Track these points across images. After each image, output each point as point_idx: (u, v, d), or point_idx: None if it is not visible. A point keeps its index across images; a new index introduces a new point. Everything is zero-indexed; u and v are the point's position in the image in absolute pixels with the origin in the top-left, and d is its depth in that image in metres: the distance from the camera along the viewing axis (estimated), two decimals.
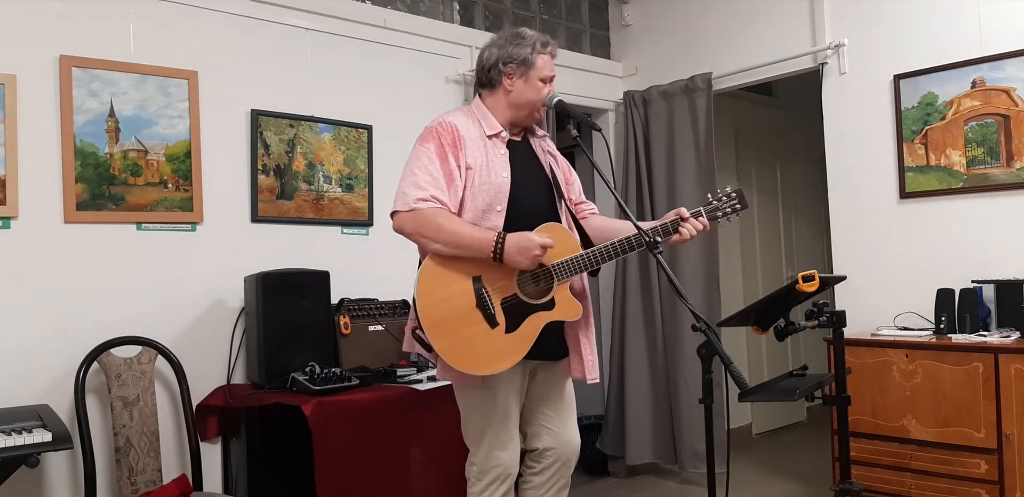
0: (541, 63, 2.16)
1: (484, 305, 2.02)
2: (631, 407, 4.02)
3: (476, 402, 2.16)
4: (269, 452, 2.76)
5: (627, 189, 4.19)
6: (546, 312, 2.06)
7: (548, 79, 2.18)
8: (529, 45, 2.15)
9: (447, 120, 2.13)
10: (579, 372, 2.21)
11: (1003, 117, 3.09)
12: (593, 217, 2.37)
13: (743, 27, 3.96)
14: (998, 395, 2.72)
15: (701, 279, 3.96)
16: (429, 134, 2.11)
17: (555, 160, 2.31)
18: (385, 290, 3.24)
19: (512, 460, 2.17)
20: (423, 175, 2.04)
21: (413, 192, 2.02)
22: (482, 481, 2.17)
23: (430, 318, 2.00)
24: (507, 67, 2.15)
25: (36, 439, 1.96)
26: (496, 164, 2.12)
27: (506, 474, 2.16)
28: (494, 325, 2.02)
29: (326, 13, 3.33)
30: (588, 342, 2.23)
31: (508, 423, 2.15)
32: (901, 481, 2.96)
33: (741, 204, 2.10)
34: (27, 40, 2.60)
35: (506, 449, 2.15)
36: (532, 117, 2.20)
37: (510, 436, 2.16)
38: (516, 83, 2.16)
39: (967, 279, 3.06)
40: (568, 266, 2.05)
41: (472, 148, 2.10)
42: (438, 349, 2.00)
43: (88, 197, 2.70)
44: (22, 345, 2.54)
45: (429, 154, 2.07)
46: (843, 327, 2.37)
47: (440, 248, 2.01)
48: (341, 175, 3.34)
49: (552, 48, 2.20)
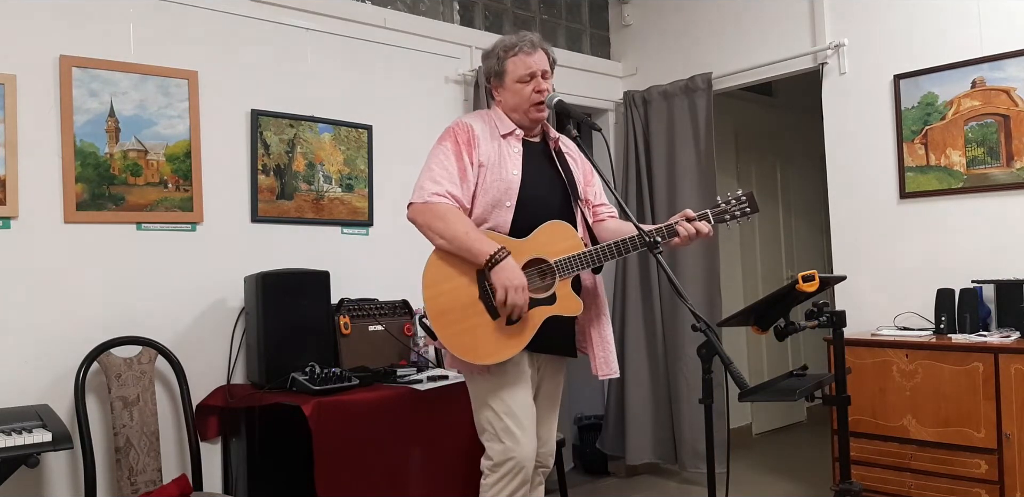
0: (512, 67, 2.22)
1: (487, 297, 2.08)
2: (631, 407, 4.02)
3: (484, 392, 2.17)
4: (269, 452, 2.76)
5: (627, 189, 4.19)
6: (547, 307, 2.11)
7: (527, 77, 2.21)
8: (495, 55, 2.26)
9: (464, 121, 2.24)
10: (593, 368, 2.27)
11: (1003, 117, 3.09)
12: (610, 220, 2.40)
13: (743, 27, 3.96)
14: (998, 395, 2.72)
15: (701, 279, 3.96)
16: (447, 133, 2.21)
17: (575, 162, 2.37)
18: (385, 290, 3.24)
19: (526, 453, 2.15)
20: (439, 170, 2.14)
21: (430, 186, 2.12)
22: (496, 473, 2.16)
23: (433, 308, 2.09)
24: (489, 82, 2.32)
25: (36, 439, 1.96)
26: (508, 161, 2.19)
27: (519, 467, 2.14)
28: (495, 317, 2.07)
29: (326, 13, 3.33)
30: (600, 339, 2.28)
31: (520, 415, 2.15)
32: (901, 481, 2.96)
33: (751, 208, 2.11)
34: (27, 40, 2.60)
35: (518, 441, 2.14)
36: (527, 118, 2.25)
37: (523, 428, 2.15)
38: (501, 93, 2.27)
39: (967, 279, 3.06)
40: (569, 263, 2.11)
41: (485, 146, 2.19)
42: (441, 338, 2.09)
43: (88, 197, 2.70)
44: (22, 345, 2.54)
45: (446, 151, 2.17)
46: (843, 327, 2.38)
47: (443, 244, 2.09)
48: (341, 175, 3.34)
49: (520, 47, 2.21)
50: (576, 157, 2.38)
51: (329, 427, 2.49)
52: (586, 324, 2.29)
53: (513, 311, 2.03)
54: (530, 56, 2.21)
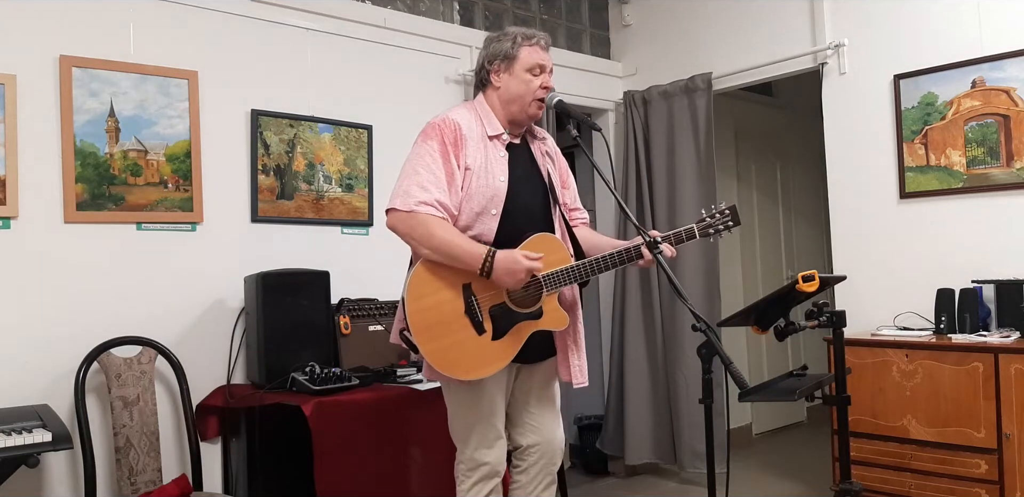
0: (524, 54, 2.15)
1: (472, 312, 2.04)
2: (631, 407, 4.02)
3: (462, 400, 2.17)
4: (269, 452, 2.76)
5: (627, 189, 4.19)
6: (533, 321, 2.08)
7: (537, 69, 2.16)
8: (510, 39, 2.16)
9: (451, 117, 2.11)
10: (566, 376, 2.25)
11: (1003, 117, 3.09)
12: (581, 227, 2.37)
13: (743, 27, 3.96)
14: (998, 395, 2.72)
15: (701, 279, 3.96)
16: (432, 130, 2.09)
17: (553, 163, 2.31)
18: (385, 290, 3.23)
19: (499, 459, 2.19)
20: (427, 175, 2.02)
21: (417, 193, 2.00)
22: (470, 479, 2.18)
23: (418, 322, 2.01)
24: (492, 64, 2.18)
25: (36, 439, 1.96)
26: (495, 167, 2.11)
27: (493, 472, 2.18)
28: (481, 332, 2.04)
29: (326, 13, 3.33)
30: (576, 348, 2.25)
31: (494, 421, 2.17)
32: (901, 481, 2.96)
33: (734, 221, 2.10)
34: (27, 40, 2.60)
35: (492, 447, 2.17)
36: (525, 113, 2.16)
37: (497, 434, 2.18)
38: (503, 78, 2.16)
39: (967, 279, 3.06)
40: (557, 277, 2.06)
41: (473, 149, 2.09)
42: (424, 352, 2.02)
43: (88, 197, 2.70)
44: (22, 345, 2.54)
45: (433, 153, 2.05)
46: (843, 327, 2.37)
47: (429, 254, 2.01)
48: (341, 175, 3.34)
49: (538, 40, 2.18)
50: (555, 157, 2.33)
51: (329, 427, 2.48)
52: (563, 334, 2.23)
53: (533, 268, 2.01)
54: (544, 51, 2.19)
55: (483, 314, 2.05)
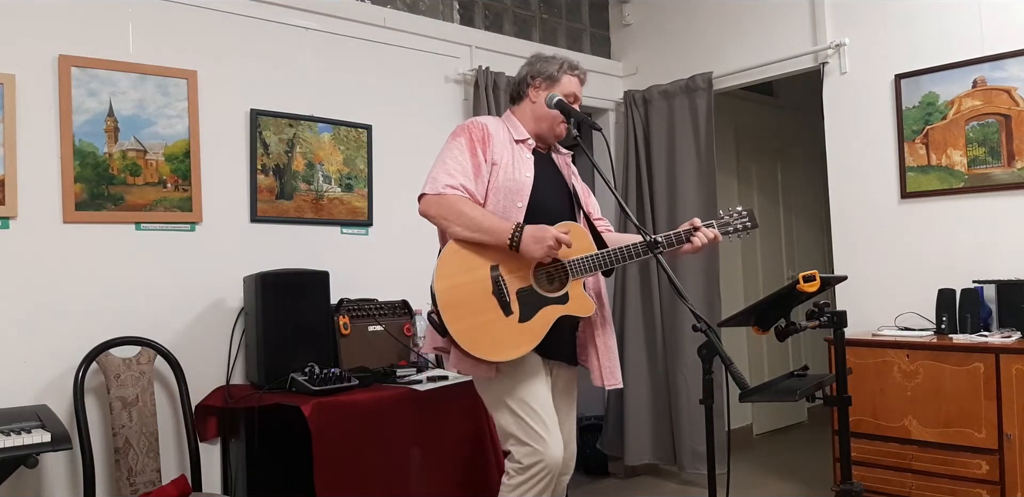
0: (567, 81, 2.28)
1: (500, 293, 2.07)
2: (631, 407, 4.01)
3: (499, 394, 2.13)
4: (268, 452, 2.75)
5: (627, 189, 4.19)
6: (560, 305, 2.11)
7: (572, 97, 2.29)
8: (557, 64, 2.30)
9: (479, 120, 2.25)
10: (597, 380, 2.25)
11: (1004, 117, 3.08)
12: (607, 233, 2.41)
13: (743, 27, 3.96)
14: (999, 395, 2.72)
15: (701, 279, 3.95)
16: (461, 130, 2.22)
17: (576, 177, 2.41)
18: (385, 290, 3.24)
19: (552, 455, 2.06)
20: (453, 164, 2.14)
21: (443, 178, 2.11)
22: (521, 475, 2.07)
23: (446, 300, 2.04)
24: (534, 80, 2.30)
25: (35, 439, 1.96)
26: (521, 165, 2.21)
27: (547, 470, 2.05)
28: (508, 313, 2.06)
29: (326, 13, 3.32)
30: (606, 348, 2.26)
31: (540, 414, 2.09)
32: (902, 482, 2.96)
33: (752, 223, 2.19)
34: (26, 40, 2.60)
35: (545, 442, 2.06)
36: (553, 131, 2.29)
37: (546, 428, 2.08)
38: (540, 95, 2.28)
39: (968, 279, 3.05)
40: (583, 264, 2.11)
41: (499, 147, 2.20)
42: (452, 332, 2.02)
43: (87, 197, 2.69)
44: (21, 345, 2.53)
45: (460, 147, 2.17)
46: (844, 327, 2.36)
47: (460, 231, 2.07)
48: (340, 175, 3.34)
49: (580, 72, 2.33)
50: (576, 174, 2.42)
51: (328, 428, 2.48)
52: (589, 333, 2.26)
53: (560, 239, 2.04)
54: (581, 84, 2.34)
55: (511, 295, 2.07)
